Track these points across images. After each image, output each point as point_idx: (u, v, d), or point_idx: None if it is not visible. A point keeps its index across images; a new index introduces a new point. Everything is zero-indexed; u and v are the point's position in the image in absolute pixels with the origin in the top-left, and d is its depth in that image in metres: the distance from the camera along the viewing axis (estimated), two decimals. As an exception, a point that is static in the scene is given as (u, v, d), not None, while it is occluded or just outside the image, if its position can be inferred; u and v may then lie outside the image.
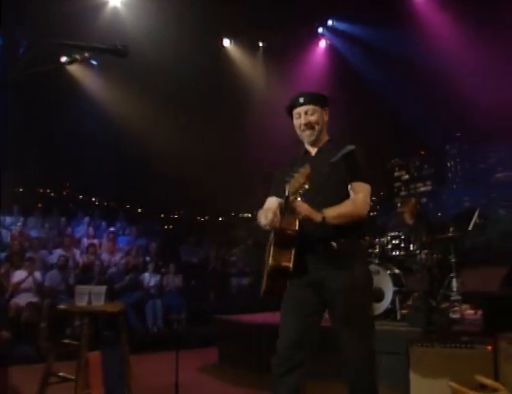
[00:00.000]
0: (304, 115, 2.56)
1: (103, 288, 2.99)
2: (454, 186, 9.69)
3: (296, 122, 2.61)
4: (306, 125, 2.55)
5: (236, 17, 10.26)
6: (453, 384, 1.39)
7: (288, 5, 9.90)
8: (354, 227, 2.43)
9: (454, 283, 5.09)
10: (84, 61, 1.98)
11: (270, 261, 2.27)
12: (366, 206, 2.47)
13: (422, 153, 10.21)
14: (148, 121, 10.58)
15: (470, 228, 5.24)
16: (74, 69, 10.07)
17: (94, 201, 11.99)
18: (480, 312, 4.80)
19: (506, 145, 8.84)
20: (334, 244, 2.37)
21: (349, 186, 2.48)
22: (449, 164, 10.07)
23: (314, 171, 2.29)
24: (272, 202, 2.63)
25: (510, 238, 7.50)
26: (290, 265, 2.26)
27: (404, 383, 3.78)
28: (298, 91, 2.65)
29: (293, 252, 2.28)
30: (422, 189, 10.16)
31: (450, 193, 9.62)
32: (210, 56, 10.76)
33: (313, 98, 2.58)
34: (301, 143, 2.70)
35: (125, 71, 9.92)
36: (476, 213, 5.28)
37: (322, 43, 11.46)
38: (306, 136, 2.59)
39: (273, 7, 9.92)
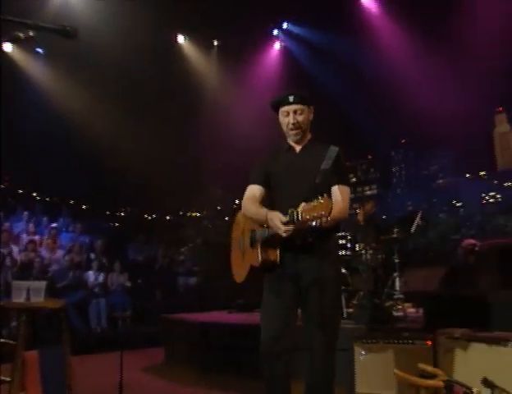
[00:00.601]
0: (292, 114, 2.59)
1: (43, 284, 2.84)
2: (399, 191, 10.12)
3: (284, 120, 2.64)
4: (294, 125, 2.60)
5: (191, 14, 10.13)
6: (398, 372, 1.44)
7: (244, 5, 9.91)
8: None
9: (398, 282, 5.28)
10: (29, 42, 1.87)
11: (260, 257, 2.46)
12: (348, 209, 2.64)
13: (370, 157, 10.58)
14: (98, 115, 10.22)
15: (413, 230, 5.44)
16: (18, 57, 9.56)
17: (35, 196, 11.42)
18: (421, 310, 5.02)
19: (448, 153, 9.35)
20: (310, 237, 2.46)
21: (333, 187, 2.58)
22: (394, 169, 10.51)
23: (300, 169, 2.56)
24: (254, 190, 2.67)
25: (449, 240, 7.91)
26: (278, 260, 2.47)
27: (348, 379, 3.86)
28: (283, 90, 2.70)
29: (279, 249, 2.48)
30: (368, 192, 10.51)
31: (394, 197, 10.03)
32: (163, 51, 10.56)
33: (302, 98, 2.61)
34: (284, 137, 2.73)
35: (73, 61, 9.54)
36: (418, 216, 5.51)
37: (277, 46, 11.55)
38: (292, 135, 2.64)
39: (229, 6, 9.89)
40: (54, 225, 8.93)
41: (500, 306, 3.71)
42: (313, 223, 2.16)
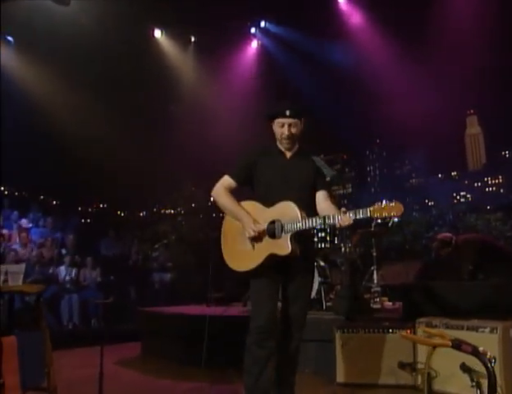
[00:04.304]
0: (287, 127, 2.82)
1: (22, 267, 2.73)
2: (373, 190, 10.32)
3: (279, 130, 2.87)
4: (288, 136, 2.84)
5: (169, 8, 10.02)
6: (405, 334, 1.45)
7: (222, 2, 9.87)
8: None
9: (375, 276, 5.35)
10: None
11: (290, 246, 2.69)
12: None
13: (345, 156, 10.70)
14: (70, 108, 9.96)
15: (390, 224, 5.53)
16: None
17: (3, 190, 11.05)
18: (398, 303, 5.11)
19: (421, 153, 9.60)
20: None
21: (321, 192, 2.92)
22: (368, 169, 10.70)
23: (293, 174, 2.87)
24: (231, 184, 2.95)
25: (422, 238, 8.11)
26: (298, 252, 2.75)
27: (329, 368, 3.88)
28: (283, 99, 2.95)
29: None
30: (342, 191, 10.64)
31: (368, 196, 10.21)
32: (139, 44, 10.40)
33: (298, 113, 2.84)
34: (274, 141, 2.95)
35: (45, 51, 9.28)
36: (396, 211, 5.58)
37: (254, 44, 11.55)
38: (285, 144, 2.89)
39: (207, 2, 9.84)
40: (24, 220, 8.65)
41: (473, 295, 3.82)
42: (379, 221, 2.58)
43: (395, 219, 5.84)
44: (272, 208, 2.80)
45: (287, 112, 2.80)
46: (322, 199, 2.90)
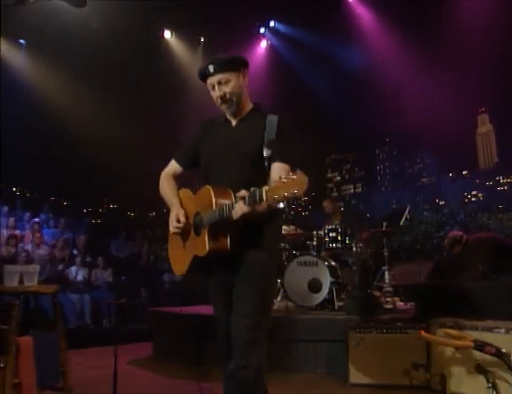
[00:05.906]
0: (217, 86, 2.23)
1: (37, 268, 2.76)
2: (383, 189, 10.25)
3: (212, 94, 2.28)
4: (222, 97, 2.23)
5: (179, 10, 10.08)
6: (425, 334, 1.44)
7: (231, 3, 9.91)
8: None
9: (387, 275, 5.33)
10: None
11: (207, 245, 2.07)
12: None
13: (354, 156, 10.68)
14: (81, 109, 10.05)
15: (402, 223, 5.51)
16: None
17: (15, 191, 11.19)
18: (410, 303, 5.09)
19: (431, 153, 9.52)
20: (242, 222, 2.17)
21: (273, 164, 2.14)
22: (378, 168, 10.62)
23: (236, 145, 2.23)
24: (175, 168, 2.45)
25: (433, 238, 8.05)
26: (229, 247, 2.11)
27: (342, 369, 3.87)
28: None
29: (229, 234, 2.12)
30: (352, 190, 10.60)
31: (379, 195, 10.17)
32: (149, 45, 10.48)
33: (225, 65, 2.22)
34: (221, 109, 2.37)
35: (56, 54, 9.38)
36: (407, 209, 5.58)
37: (263, 44, 11.58)
38: (225, 109, 2.28)
39: (217, 3, 9.88)
40: (36, 219, 8.74)
41: (486, 295, 3.79)
42: (281, 205, 1.91)
43: (408, 215, 5.82)
44: (195, 195, 2.24)
45: (211, 69, 2.19)
46: (273, 174, 2.09)
